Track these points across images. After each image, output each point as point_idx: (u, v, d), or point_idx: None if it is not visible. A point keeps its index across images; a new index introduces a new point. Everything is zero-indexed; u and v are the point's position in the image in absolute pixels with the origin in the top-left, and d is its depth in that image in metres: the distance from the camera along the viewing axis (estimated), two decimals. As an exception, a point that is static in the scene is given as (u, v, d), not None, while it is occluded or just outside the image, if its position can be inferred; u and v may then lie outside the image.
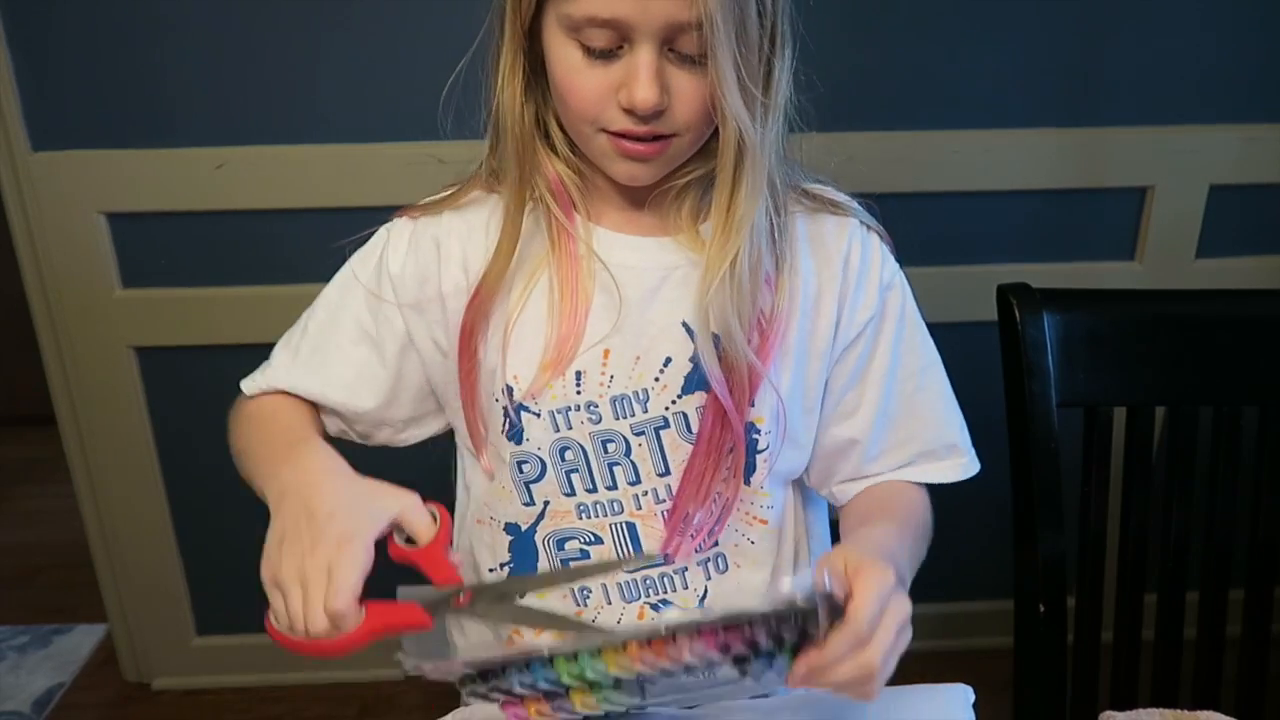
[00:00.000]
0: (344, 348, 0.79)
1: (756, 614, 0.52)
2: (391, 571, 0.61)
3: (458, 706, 0.79)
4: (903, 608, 0.57)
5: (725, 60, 0.63)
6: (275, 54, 1.38)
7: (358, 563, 0.57)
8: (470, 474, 0.83)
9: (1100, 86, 1.47)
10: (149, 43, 1.36)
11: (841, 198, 0.79)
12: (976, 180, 1.50)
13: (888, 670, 0.57)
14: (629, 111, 0.65)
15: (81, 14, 1.34)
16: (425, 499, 0.63)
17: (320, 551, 0.57)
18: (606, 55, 0.64)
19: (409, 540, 0.62)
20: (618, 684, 0.56)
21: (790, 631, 0.53)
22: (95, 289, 1.48)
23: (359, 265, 0.80)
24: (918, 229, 1.46)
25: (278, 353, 0.81)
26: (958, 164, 1.49)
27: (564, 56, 0.66)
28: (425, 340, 0.78)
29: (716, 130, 0.71)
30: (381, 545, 0.61)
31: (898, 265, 0.80)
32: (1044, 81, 1.46)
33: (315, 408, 0.80)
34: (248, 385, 0.80)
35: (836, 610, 0.55)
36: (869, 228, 0.79)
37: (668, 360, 0.74)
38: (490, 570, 0.80)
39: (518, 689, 0.57)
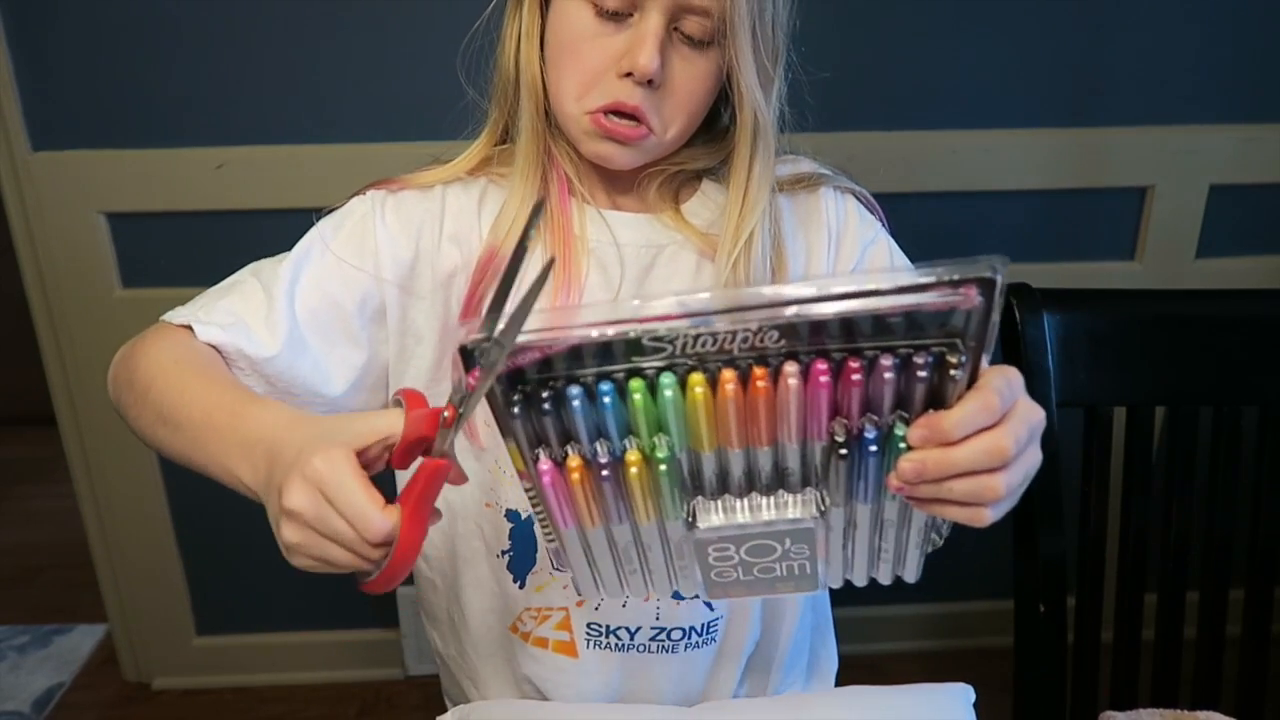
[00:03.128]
0: (311, 325, 0.72)
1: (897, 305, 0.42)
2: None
3: (456, 705, 0.79)
4: (1036, 410, 0.49)
5: (744, 38, 0.66)
6: (275, 54, 1.38)
7: (350, 471, 0.50)
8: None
9: (1100, 86, 1.47)
10: (149, 43, 1.36)
11: (812, 167, 0.80)
12: (976, 180, 1.50)
13: (1016, 483, 0.48)
14: (627, 76, 0.67)
15: (81, 14, 1.34)
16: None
17: (300, 489, 0.49)
18: (616, 18, 0.67)
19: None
20: (676, 471, 0.50)
21: (927, 371, 0.44)
22: (95, 289, 1.48)
23: (331, 234, 0.75)
24: (918, 229, 1.46)
25: (237, 311, 0.70)
26: (958, 164, 1.48)
27: (575, 16, 0.68)
28: (403, 321, 0.76)
29: (702, 125, 0.74)
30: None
31: (882, 225, 0.80)
32: (1044, 81, 1.46)
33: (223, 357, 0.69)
34: (205, 334, 0.68)
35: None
36: (845, 189, 0.80)
37: None
38: (497, 556, 0.79)
39: (577, 422, 0.48)
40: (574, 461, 0.50)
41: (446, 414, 0.52)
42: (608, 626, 0.77)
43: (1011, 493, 0.48)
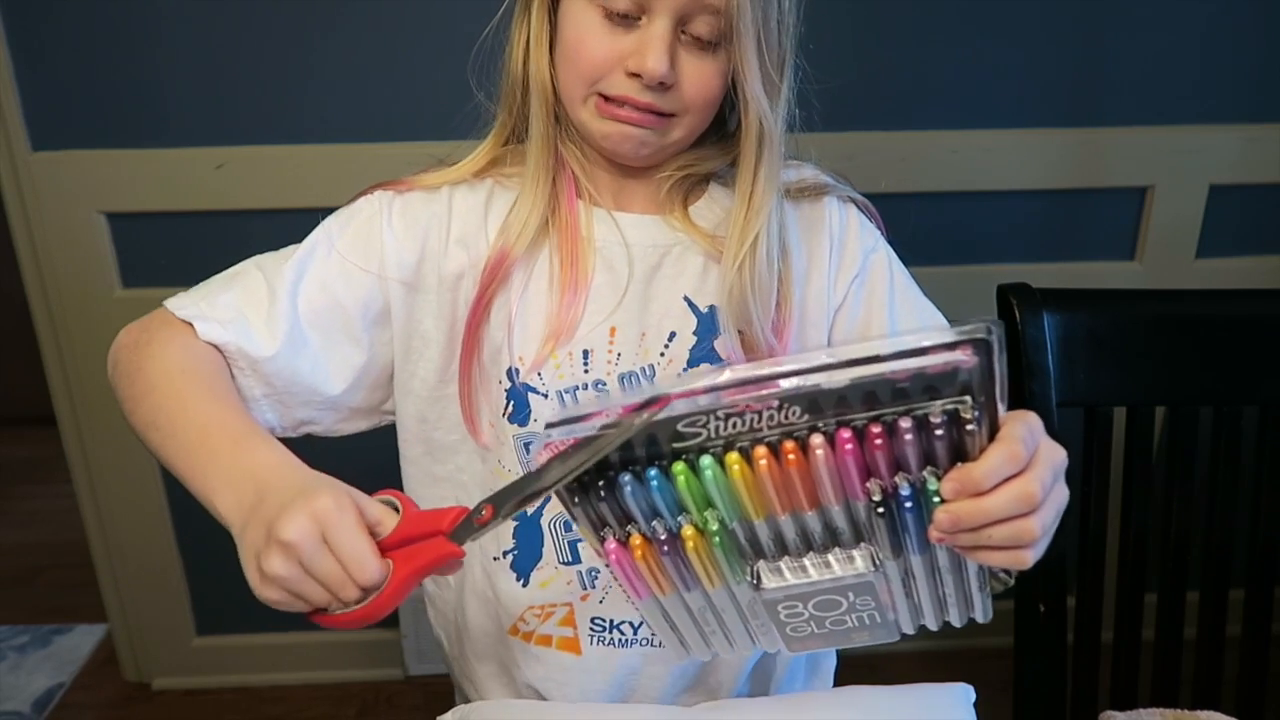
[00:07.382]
0: (313, 323, 0.73)
1: (905, 370, 0.45)
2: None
3: (456, 705, 0.79)
4: (1058, 451, 0.52)
5: (749, 45, 0.66)
6: (274, 54, 1.38)
7: (356, 517, 0.53)
8: (451, 467, 0.81)
9: (1100, 86, 1.47)
10: (149, 43, 1.36)
11: (814, 173, 0.80)
12: (976, 180, 1.50)
13: (1048, 522, 0.51)
14: (634, 77, 0.68)
15: (81, 14, 1.34)
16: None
17: (303, 522, 0.52)
18: (625, 21, 0.67)
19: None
20: (733, 540, 0.53)
21: (944, 429, 0.47)
22: (95, 289, 1.48)
23: (338, 233, 0.76)
24: (918, 229, 1.46)
25: (238, 306, 0.71)
26: (958, 164, 1.49)
27: (583, 18, 0.69)
28: (409, 323, 0.77)
29: (711, 127, 0.75)
30: None
31: (881, 234, 0.81)
32: (1044, 81, 1.46)
33: (225, 356, 0.70)
34: (207, 332, 0.69)
35: (994, 425, 0.48)
36: (847, 198, 0.80)
37: (672, 335, 0.75)
38: (494, 559, 0.79)
39: (630, 504, 0.52)
40: (636, 540, 0.54)
41: (485, 511, 0.55)
42: (611, 621, 0.77)
43: (1046, 532, 0.51)
